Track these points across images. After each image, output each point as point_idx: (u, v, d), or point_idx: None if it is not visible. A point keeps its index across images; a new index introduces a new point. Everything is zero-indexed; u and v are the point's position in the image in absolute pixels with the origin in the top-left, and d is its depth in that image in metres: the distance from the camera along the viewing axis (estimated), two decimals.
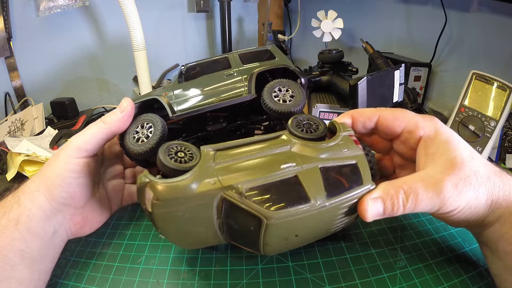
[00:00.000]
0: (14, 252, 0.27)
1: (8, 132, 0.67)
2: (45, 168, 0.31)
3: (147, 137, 0.33)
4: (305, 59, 1.25)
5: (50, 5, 0.75)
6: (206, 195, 0.26)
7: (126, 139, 0.34)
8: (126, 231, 0.40)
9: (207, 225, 0.28)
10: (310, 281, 0.33)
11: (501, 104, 0.52)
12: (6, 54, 0.75)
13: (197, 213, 0.27)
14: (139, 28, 0.62)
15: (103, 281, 0.33)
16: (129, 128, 0.34)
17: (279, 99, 0.38)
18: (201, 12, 1.03)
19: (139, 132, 0.34)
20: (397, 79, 0.59)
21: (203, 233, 0.28)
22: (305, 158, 0.28)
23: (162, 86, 0.41)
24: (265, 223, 0.25)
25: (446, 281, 0.33)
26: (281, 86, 0.39)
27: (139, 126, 0.34)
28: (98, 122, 0.33)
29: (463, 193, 0.27)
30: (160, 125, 0.33)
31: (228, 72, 0.39)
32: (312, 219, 0.26)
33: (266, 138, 0.31)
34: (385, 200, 0.27)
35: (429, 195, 0.26)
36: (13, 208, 0.29)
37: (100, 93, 0.95)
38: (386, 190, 0.27)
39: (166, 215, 0.26)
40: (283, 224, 0.26)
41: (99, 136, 0.32)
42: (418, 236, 0.39)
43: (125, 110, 0.33)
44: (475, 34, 0.73)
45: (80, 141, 0.32)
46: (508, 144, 0.58)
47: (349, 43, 1.06)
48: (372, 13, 0.99)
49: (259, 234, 0.26)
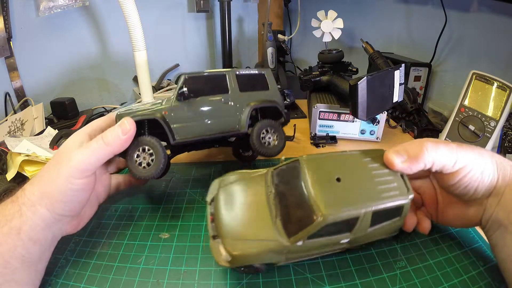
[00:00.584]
0: (16, 258, 0.29)
1: (8, 132, 0.67)
2: (47, 183, 0.31)
3: (149, 164, 0.37)
4: (305, 59, 1.25)
5: (50, 5, 0.75)
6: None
7: (128, 160, 0.37)
8: (126, 231, 0.40)
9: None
10: (310, 281, 0.33)
11: (501, 104, 0.52)
12: (6, 54, 0.75)
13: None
14: (139, 28, 0.62)
15: (103, 281, 0.33)
16: (129, 148, 0.36)
17: (265, 141, 0.44)
18: (201, 12, 1.03)
19: (140, 156, 0.37)
20: (397, 79, 0.59)
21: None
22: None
23: (160, 100, 0.41)
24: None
25: (446, 281, 0.33)
26: (269, 128, 0.44)
27: (140, 150, 0.37)
28: (99, 141, 0.33)
29: (469, 151, 0.31)
30: (162, 155, 0.37)
31: (226, 99, 0.42)
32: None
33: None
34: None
35: (447, 147, 0.31)
36: (15, 217, 0.29)
37: (100, 93, 0.95)
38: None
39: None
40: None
41: (101, 156, 0.33)
42: (418, 236, 0.39)
43: (127, 133, 0.34)
44: (475, 34, 0.73)
45: (83, 162, 0.32)
46: (508, 144, 0.58)
47: (349, 43, 1.06)
48: (372, 13, 0.99)
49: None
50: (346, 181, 0.31)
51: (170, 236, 0.39)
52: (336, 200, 0.30)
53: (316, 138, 0.64)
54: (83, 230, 0.39)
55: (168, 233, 0.39)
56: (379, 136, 0.64)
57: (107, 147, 0.33)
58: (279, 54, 0.91)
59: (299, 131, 0.66)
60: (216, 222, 0.32)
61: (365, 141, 0.65)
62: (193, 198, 0.46)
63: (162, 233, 0.39)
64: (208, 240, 0.38)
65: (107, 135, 0.33)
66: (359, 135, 0.65)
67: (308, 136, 0.66)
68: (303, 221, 0.29)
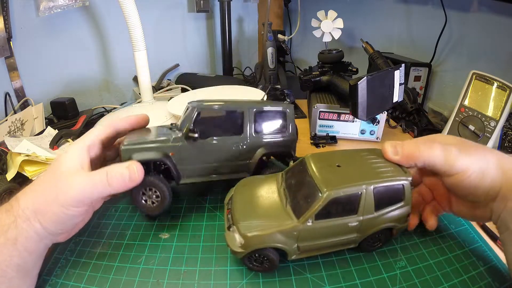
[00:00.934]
0: (12, 267, 0.29)
1: (8, 132, 0.67)
2: (42, 204, 0.31)
3: (153, 203, 0.38)
4: (305, 59, 1.25)
5: (50, 5, 0.75)
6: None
7: (133, 196, 0.37)
8: (126, 231, 0.40)
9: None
10: (310, 281, 0.33)
11: (501, 104, 0.52)
12: (6, 54, 0.75)
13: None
14: (139, 28, 0.62)
15: (103, 281, 0.33)
16: (135, 187, 0.35)
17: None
18: (201, 12, 1.03)
19: (146, 194, 0.37)
20: (397, 79, 0.59)
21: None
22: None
23: (169, 130, 0.40)
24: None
25: (446, 281, 0.33)
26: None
27: (147, 189, 0.37)
28: (103, 176, 0.32)
29: (472, 155, 0.32)
30: (167, 194, 0.38)
31: (238, 143, 0.40)
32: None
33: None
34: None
35: (444, 152, 0.32)
36: (11, 228, 0.30)
37: (100, 93, 0.95)
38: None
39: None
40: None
41: (102, 192, 0.32)
42: (418, 236, 0.39)
43: (134, 181, 0.34)
44: (475, 34, 0.73)
45: (82, 192, 0.31)
46: (508, 144, 0.58)
47: (349, 43, 1.06)
48: (372, 13, 0.99)
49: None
50: (346, 167, 0.35)
51: (170, 236, 0.39)
52: (338, 180, 0.32)
53: (316, 138, 0.64)
54: (83, 230, 0.39)
55: (168, 233, 0.39)
56: (379, 136, 0.64)
57: (110, 187, 0.32)
58: (279, 54, 0.91)
59: (299, 131, 0.65)
60: (232, 212, 0.34)
61: (365, 141, 0.65)
62: (193, 198, 0.46)
63: (162, 233, 0.39)
64: (208, 240, 0.38)
65: (113, 175, 0.32)
66: (359, 135, 0.65)
67: (308, 136, 0.66)
68: (310, 201, 0.32)
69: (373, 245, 0.36)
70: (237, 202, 0.35)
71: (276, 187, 0.37)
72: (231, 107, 0.39)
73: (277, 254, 0.33)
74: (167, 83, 1.00)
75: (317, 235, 0.32)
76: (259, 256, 0.33)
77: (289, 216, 0.32)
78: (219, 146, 0.39)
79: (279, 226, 0.32)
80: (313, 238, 0.33)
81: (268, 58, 0.85)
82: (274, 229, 0.31)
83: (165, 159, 0.37)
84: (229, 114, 0.39)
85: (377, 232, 0.34)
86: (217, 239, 0.38)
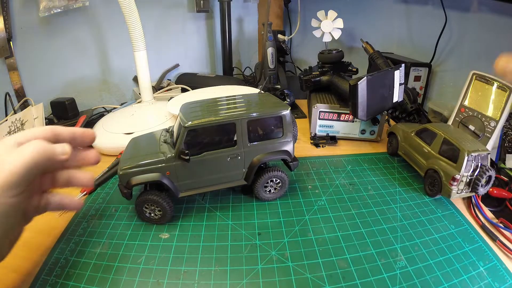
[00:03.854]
0: None
1: (8, 132, 0.67)
2: None
3: (156, 215, 0.40)
4: (305, 59, 1.25)
5: (50, 5, 0.75)
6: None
7: (138, 210, 0.40)
8: (126, 231, 0.40)
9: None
10: (310, 281, 0.33)
11: (501, 104, 0.52)
12: (6, 54, 0.75)
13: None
14: (139, 28, 0.62)
15: (103, 281, 0.33)
16: (137, 204, 0.40)
17: (269, 189, 0.45)
18: (201, 12, 1.03)
19: (148, 208, 0.40)
20: (397, 79, 0.59)
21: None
22: None
23: (163, 148, 0.41)
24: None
25: (446, 281, 0.33)
26: (274, 177, 0.44)
27: (150, 204, 0.39)
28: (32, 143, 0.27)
29: None
30: (168, 207, 0.40)
31: (232, 154, 0.40)
32: None
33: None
34: None
35: None
36: None
37: (100, 93, 0.95)
38: None
39: None
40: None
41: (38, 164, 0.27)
42: (418, 236, 0.39)
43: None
44: (475, 34, 0.73)
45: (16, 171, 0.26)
46: (508, 144, 0.58)
47: (349, 43, 1.06)
48: (372, 13, 0.99)
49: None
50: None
51: (170, 236, 0.39)
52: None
53: (316, 138, 0.64)
54: (83, 230, 0.39)
55: (168, 233, 0.39)
56: (379, 136, 0.64)
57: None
58: (279, 54, 0.91)
59: (299, 131, 0.66)
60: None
61: (365, 141, 0.65)
62: (193, 198, 0.46)
63: (162, 233, 0.39)
64: (208, 240, 0.38)
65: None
66: (359, 135, 0.65)
67: (308, 136, 0.66)
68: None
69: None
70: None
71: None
72: (221, 121, 0.38)
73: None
74: (167, 83, 1.00)
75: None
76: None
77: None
78: (214, 160, 0.40)
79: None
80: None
81: (268, 58, 0.85)
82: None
83: (162, 178, 0.39)
84: (220, 128, 0.39)
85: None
86: (217, 239, 0.38)
